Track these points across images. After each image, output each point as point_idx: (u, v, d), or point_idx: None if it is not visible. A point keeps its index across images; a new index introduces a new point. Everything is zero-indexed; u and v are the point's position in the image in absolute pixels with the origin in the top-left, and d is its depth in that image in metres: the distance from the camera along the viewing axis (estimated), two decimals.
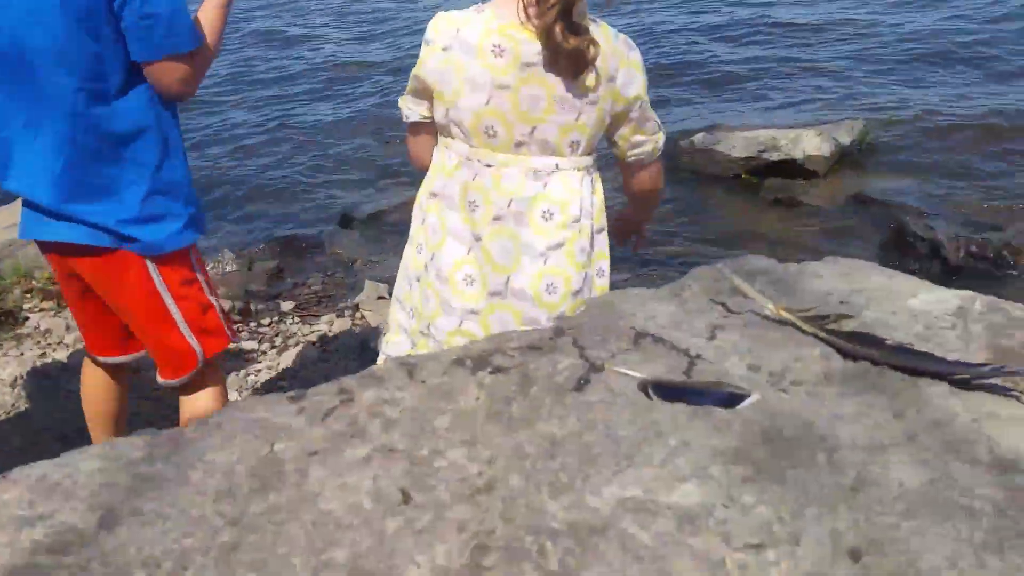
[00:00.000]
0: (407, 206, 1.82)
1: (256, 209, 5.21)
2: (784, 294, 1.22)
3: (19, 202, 1.74)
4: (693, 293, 1.25)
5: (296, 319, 3.55)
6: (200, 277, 1.77)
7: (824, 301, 1.17)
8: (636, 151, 1.52)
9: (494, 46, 1.34)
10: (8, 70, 1.53)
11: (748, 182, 4.86)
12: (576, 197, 1.44)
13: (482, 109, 1.37)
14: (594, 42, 1.33)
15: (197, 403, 1.81)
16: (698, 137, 5.07)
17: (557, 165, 1.42)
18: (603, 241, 1.54)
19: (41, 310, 3.59)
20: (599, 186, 1.53)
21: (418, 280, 1.56)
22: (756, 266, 2.01)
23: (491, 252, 1.44)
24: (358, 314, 3.51)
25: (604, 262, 1.56)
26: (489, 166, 1.41)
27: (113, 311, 1.77)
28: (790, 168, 4.85)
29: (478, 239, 1.45)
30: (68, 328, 3.46)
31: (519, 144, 1.39)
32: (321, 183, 5.55)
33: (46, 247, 1.74)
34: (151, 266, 1.67)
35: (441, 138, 1.49)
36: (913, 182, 4.67)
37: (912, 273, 1.35)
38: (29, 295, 3.68)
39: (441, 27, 1.40)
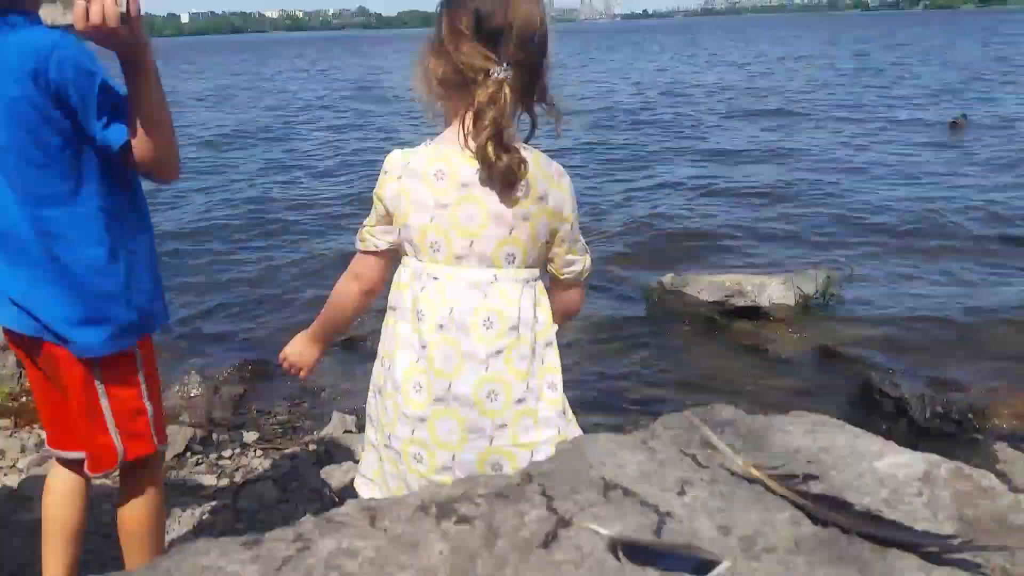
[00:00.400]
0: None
1: (229, 328, 5.19)
2: (752, 448, 1.22)
3: None
4: (663, 443, 1.23)
5: (259, 452, 3.45)
6: (141, 379, 1.78)
7: (792, 459, 1.16)
8: (568, 269, 1.65)
9: (436, 171, 1.50)
10: None
11: (716, 325, 4.95)
12: (514, 307, 1.53)
13: (426, 226, 1.51)
14: (523, 161, 1.47)
15: (131, 507, 1.85)
16: (667, 278, 5.20)
17: (495, 276, 1.53)
18: (552, 355, 1.61)
19: None
20: (544, 300, 1.61)
21: (380, 392, 1.62)
22: (724, 416, 2.01)
23: (435, 359, 1.52)
24: (323, 449, 3.43)
25: (555, 375, 1.61)
26: (435, 278, 1.52)
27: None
28: (755, 314, 4.96)
29: (424, 347, 1.53)
30: (23, 450, 3.34)
31: (459, 257, 1.51)
32: (298, 304, 5.57)
33: (9, 333, 1.76)
34: (92, 363, 1.70)
35: (403, 257, 1.61)
36: (878, 334, 4.78)
37: (879, 432, 1.36)
38: None
39: (395, 160, 1.55)
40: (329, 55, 58.83)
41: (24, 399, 3.68)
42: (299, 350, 1.78)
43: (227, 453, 3.42)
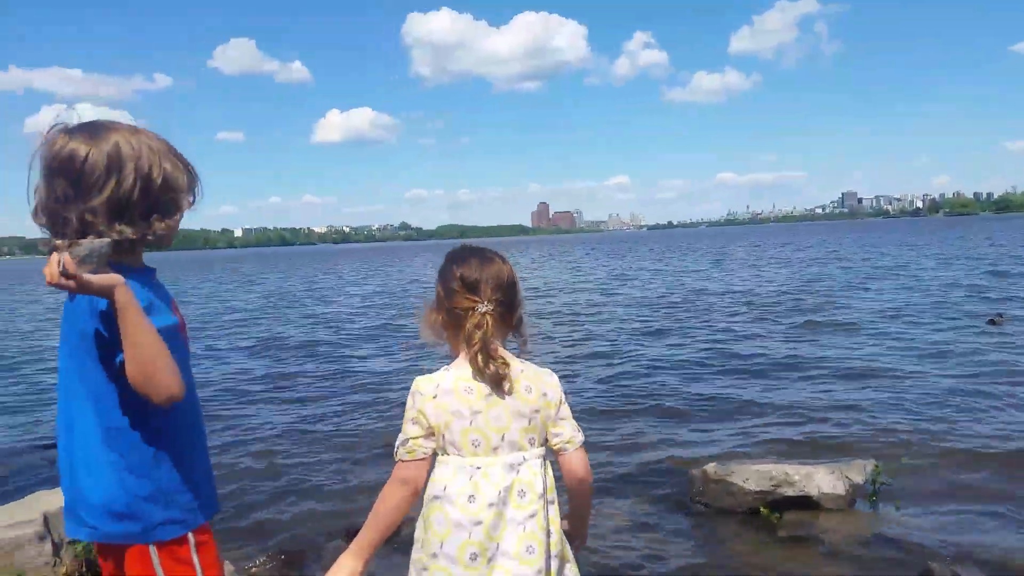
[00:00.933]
0: (412, 524, 1.93)
1: (262, 515, 5.11)
2: None
3: (28, 499, 1.81)
4: None
5: None
6: (198, 569, 1.81)
7: None
8: (559, 439, 2.04)
9: (465, 388, 1.95)
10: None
11: (763, 515, 4.77)
12: (540, 479, 1.97)
13: (467, 428, 1.93)
14: (505, 363, 1.96)
15: None
16: (711, 467, 5.07)
17: (524, 458, 1.96)
18: (554, 509, 2.01)
19: None
20: (549, 468, 2.04)
21: (426, 569, 1.93)
22: None
23: (490, 529, 1.90)
24: None
25: (555, 525, 2.01)
26: (478, 468, 1.93)
27: None
28: (806, 504, 4.79)
29: (479, 523, 1.90)
30: None
31: (495, 448, 1.94)
32: (332, 491, 5.52)
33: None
34: (153, 555, 1.76)
35: (439, 456, 1.96)
36: (933, 522, 4.57)
37: None
38: None
39: (426, 385, 1.96)
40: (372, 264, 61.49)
41: None
42: (349, 571, 1.95)
43: None
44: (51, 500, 3.94)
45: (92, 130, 1.74)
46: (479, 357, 1.92)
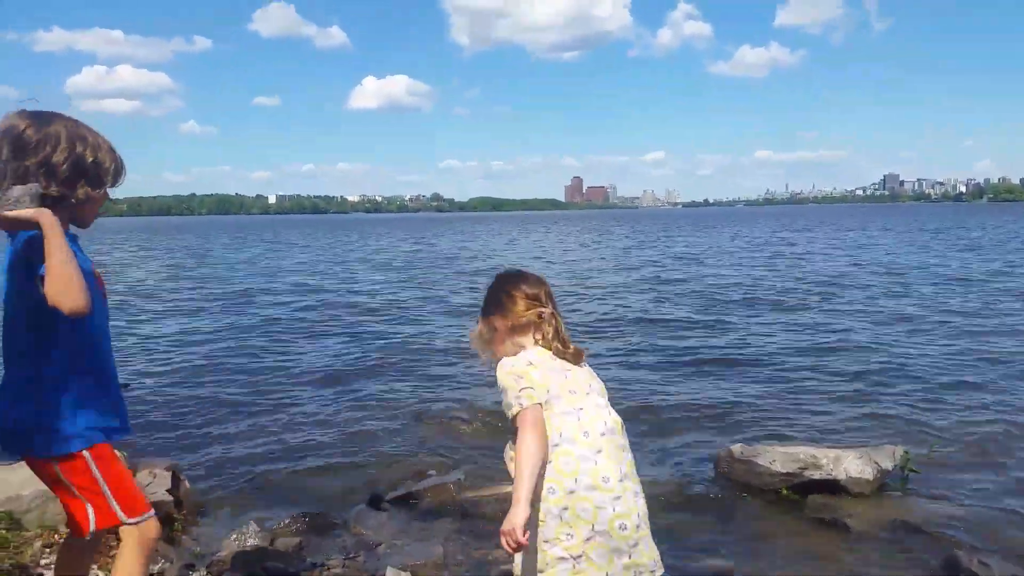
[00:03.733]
0: (439, 489, 2.10)
1: (287, 479, 5.20)
2: None
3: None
4: None
5: None
6: (98, 477, 2.23)
7: None
8: None
9: (550, 357, 2.39)
10: None
11: (788, 498, 4.73)
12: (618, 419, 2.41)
13: (563, 382, 2.35)
14: (580, 350, 2.46)
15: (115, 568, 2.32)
16: (737, 448, 5.05)
17: (609, 402, 2.44)
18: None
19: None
20: None
21: (567, 509, 2.19)
22: None
23: (607, 457, 2.26)
24: None
25: None
26: (581, 408, 2.32)
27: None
28: (832, 487, 4.74)
29: (599, 451, 2.26)
30: None
31: (587, 393, 2.38)
32: (357, 457, 5.60)
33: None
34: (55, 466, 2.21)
35: (545, 413, 2.26)
36: (961, 512, 4.50)
37: None
38: (49, 550, 3.58)
39: (517, 360, 2.35)
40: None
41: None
42: (523, 518, 2.10)
43: None
44: None
45: (39, 114, 2.17)
46: (558, 344, 2.39)
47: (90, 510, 2.26)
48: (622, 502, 2.21)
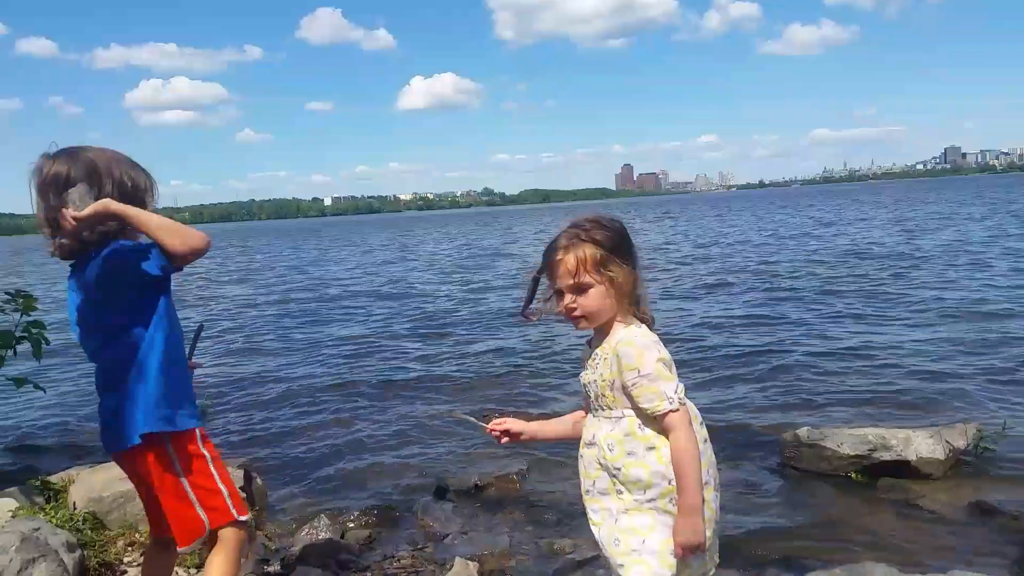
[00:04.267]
0: (503, 481, 1.97)
1: (356, 474, 5.31)
2: None
3: None
4: None
5: None
6: (210, 463, 2.32)
7: None
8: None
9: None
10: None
11: (857, 480, 4.65)
12: None
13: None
14: None
15: (212, 566, 2.33)
16: (803, 431, 4.97)
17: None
18: None
19: (140, 565, 3.61)
20: None
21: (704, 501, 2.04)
22: (877, 574, 1.85)
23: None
24: None
25: None
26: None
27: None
28: (902, 469, 4.64)
29: (706, 440, 2.14)
30: None
31: None
32: (422, 451, 5.68)
33: (119, 457, 2.38)
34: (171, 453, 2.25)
35: None
36: None
37: None
38: (131, 548, 3.72)
39: (661, 346, 2.06)
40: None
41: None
42: (697, 525, 2.00)
43: None
44: None
45: (69, 151, 2.24)
46: (646, 319, 2.16)
47: (201, 512, 2.28)
48: (714, 488, 2.14)
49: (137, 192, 2.27)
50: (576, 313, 2.07)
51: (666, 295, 13.20)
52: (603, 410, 2.12)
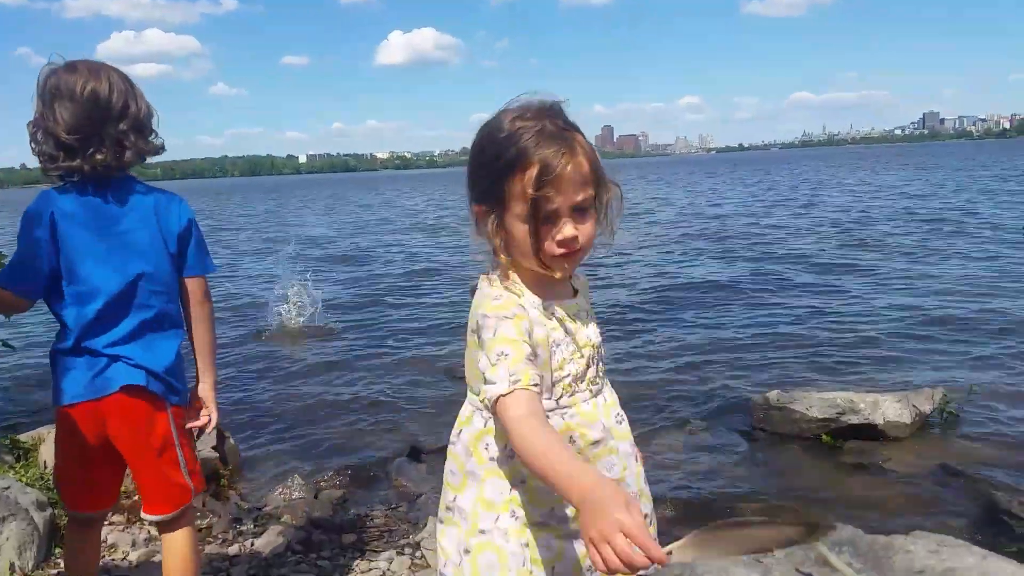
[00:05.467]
0: None
1: (329, 434, 5.31)
2: (873, 568, 1.16)
3: None
4: (777, 560, 1.20)
5: (356, 554, 3.46)
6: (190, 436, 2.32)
7: None
8: None
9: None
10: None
11: (826, 443, 4.73)
12: None
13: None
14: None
15: (177, 539, 2.29)
16: (773, 394, 5.04)
17: None
18: None
19: (111, 523, 3.61)
20: None
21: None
22: (841, 535, 1.89)
23: None
24: (418, 553, 3.41)
25: None
26: None
27: (120, 463, 2.27)
28: (869, 432, 4.73)
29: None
30: (134, 544, 3.45)
31: None
32: (396, 412, 5.68)
33: (84, 408, 2.15)
34: (170, 415, 2.21)
35: None
36: (1001, 454, 4.47)
37: (1008, 554, 1.22)
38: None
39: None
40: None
41: (136, 497, 3.83)
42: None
43: (326, 554, 3.44)
44: None
45: (91, 67, 2.11)
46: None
47: (188, 479, 2.26)
48: None
49: (150, 115, 2.21)
50: (578, 246, 1.44)
51: (641, 257, 13.24)
52: (599, 380, 1.59)
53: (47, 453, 3.95)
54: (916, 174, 40.30)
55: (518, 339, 1.40)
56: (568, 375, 1.50)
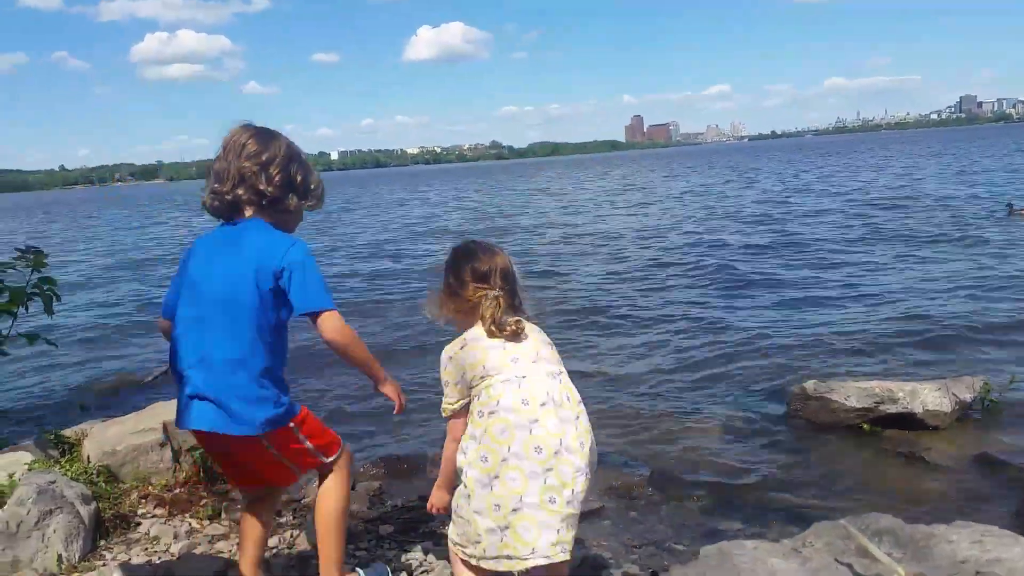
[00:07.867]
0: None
1: (367, 426, 5.38)
2: (913, 558, 1.13)
3: (149, 410, 2.68)
4: (816, 551, 1.18)
5: (392, 545, 3.49)
6: (306, 442, 2.50)
7: (959, 569, 1.07)
8: None
9: (490, 334, 2.31)
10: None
11: (864, 432, 4.67)
12: (575, 389, 2.28)
13: (503, 352, 2.28)
14: (519, 321, 2.31)
15: (326, 491, 2.61)
16: (810, 384, 4.99)
17: (560, 370, 2.30)
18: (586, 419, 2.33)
19: (153, 516, 3.67)
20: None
21: (497, 478, 2.17)
22: (881, 525, 1.86)
23: (546, 426, 2.17)
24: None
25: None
26: (524, 376, 2.24)
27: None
28: (909, 421, 4.66)
29: (535, 421, 2.18)
30: (176, 536, 3.51)
31: (534, 361, 2.28)
32: (430, 402, 5.69)
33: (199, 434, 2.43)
34: (265, 443, 2.39)
35: (485, 380, 2.29)
36: None
37: None
38: (144, 500, 3.79)
39: (451, 348, 2.39)
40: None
41: (177, 490, 3.90)
42: (440, 497, 2.56)
43: (363, 545, 3.47)
44: (169, 410, 4.22)
45: (264, 130, 2.49)
46: (493, 327, 2.24)
47: (297, 470, 2.57)
48: (554, 474, 2.11)
49: (304, 187, 2.51)
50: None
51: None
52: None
53: (91, 448, 4.04)
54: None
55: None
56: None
